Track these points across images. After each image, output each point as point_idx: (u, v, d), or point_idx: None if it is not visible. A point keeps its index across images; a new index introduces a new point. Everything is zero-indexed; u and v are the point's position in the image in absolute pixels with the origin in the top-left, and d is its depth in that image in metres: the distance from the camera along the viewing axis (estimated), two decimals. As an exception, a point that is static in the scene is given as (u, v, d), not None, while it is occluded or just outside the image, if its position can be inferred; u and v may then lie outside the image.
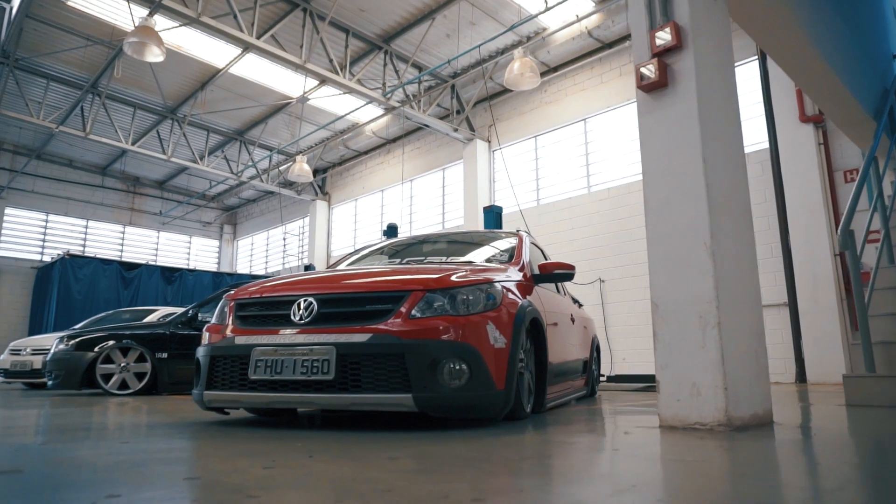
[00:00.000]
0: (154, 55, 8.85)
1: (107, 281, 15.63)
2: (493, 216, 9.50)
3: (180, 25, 10.43)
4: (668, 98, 2.52)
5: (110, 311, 10.63)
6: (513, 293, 2.98)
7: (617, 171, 11.18)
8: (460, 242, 4.23)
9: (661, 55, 2.66)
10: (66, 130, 13.48)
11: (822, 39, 4.58)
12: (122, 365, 6.48)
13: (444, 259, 3.94)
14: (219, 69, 12.84)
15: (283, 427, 2.95)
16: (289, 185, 17.81)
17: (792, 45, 4.38)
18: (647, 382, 7.41)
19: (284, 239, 18.71)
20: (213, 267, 20.87)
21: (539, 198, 12.32)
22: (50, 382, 6.54)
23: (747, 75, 9.65)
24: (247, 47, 11.45)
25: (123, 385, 6.47)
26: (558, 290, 4.52)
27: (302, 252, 18.54)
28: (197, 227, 21.18)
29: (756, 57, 9.40)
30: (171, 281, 16.94)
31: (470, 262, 3.61)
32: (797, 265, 8.37)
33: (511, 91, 12.92)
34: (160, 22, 9.60)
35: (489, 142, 13.41)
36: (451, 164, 14.36)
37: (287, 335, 2.65)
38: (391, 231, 10.81)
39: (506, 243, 4.07)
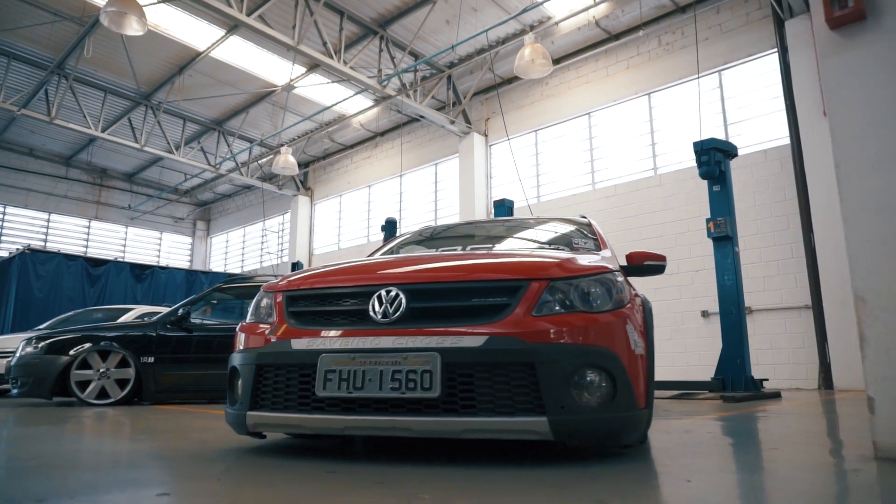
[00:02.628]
0: (134, 28, 8.02)
1: (71, 278, 14.50)
2: (505, 211, 8.92)
3: (161, 1, 9.59)
4: (870, 34, 1.98)
5: (79, 311, 9.69)
6: (630, 286, 2.40)
7: (624, 168, 10.74)
8: (525, 228, 3.61)
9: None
10: (29, 114, 12.43)
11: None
12: (101, 370, 5.66)
13: (514, 247, 3.32)
14: (199, 52, 11.98)
15: (347, 458, 2.29)
16: (269, 179, 16.94)
17: None
18: (680, 389, 6.92)
19: (265, 235, 17.80)
20: (185, 265, 19.78)
21: (539, 194, 11.80)
22: (15, 390, 5.69)
23: (764, 69, 9.30)
24: (235, 26, 10.67)
25: (102, 393, 5.67)
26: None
27: (282, 250, 17.67)
28: (168, 223, 20.08)
29: (775, 50, 9.04)
30: (142, 279, 15.87)
31: (556, 248, 2.98)
32: (822, 266, 8.00)
33: (510, 83, 12.41)
34: (140, -6, 8.75)
35: (486, 136, 12.85)
36: (444, 159, 13.75)
37: (367, 337, 2.00)
38: (390, 226, 10.15)
39: (574, 229, 3.49)
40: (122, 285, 15.41)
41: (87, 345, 5.66)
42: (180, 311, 6.00)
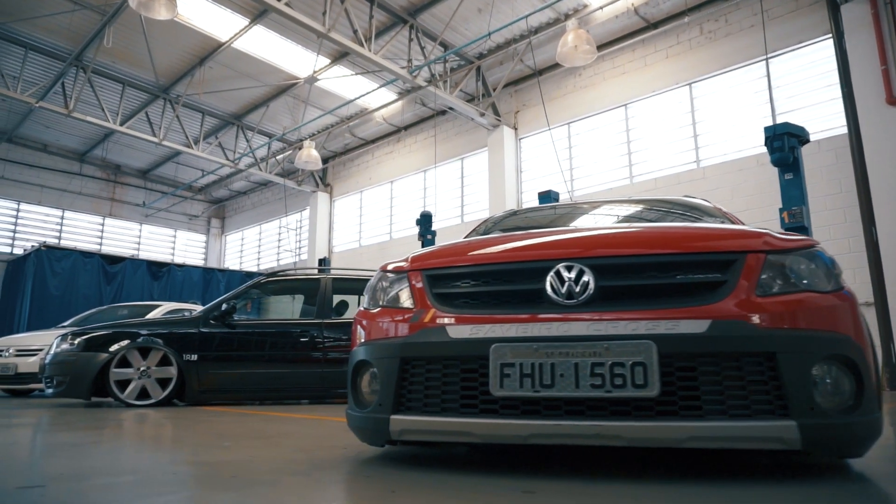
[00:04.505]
0: (165, 12, 7.67)
1: (87, 275, 14.17)
2: (551, 202, 8.52)
3: (188, -15, 9.25)
4: None
5: (102, 307, 9.34)
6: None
7: (664, 160, 10.36)
8: (642, 205, 3.24)
9: None
10: (47, 107, 12.09)
11: None
12: (142, 369, 5.30)
13: (652, 224, 2.93)
14: (221, 43, 11.65)
15: (496, 468, 1.93)
16: (288, 175, 16.58)
17: None
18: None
19: (287, 230, 17.44)
20: (199, 263, 19.43)
21: (573, 188, 11.42)
22: (50, 390, 5.33)
23: (816, 56, 8.92)
24: (261, 13, 10.34)
25: (142, 394, 5.31)
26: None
27: (300, 247, 17.31)
28: (183, 221, 19.74)
29: (828, 35, 8.66)
30: (158, 276, 15.54)
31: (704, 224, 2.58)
32: (886, 260, 7.61)
33: (541, 74, 12.04)
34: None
35: (516, 129, 12.48)
36: (470, 154, 13.39)
37: (552, 323, 1.63)
38: (425, 220, 9.77)
39: (696, 206, 3.12)
40: (139, 283, 15.10)
41: (127, 341, 5.30)
42: (223, 305, 5.63)
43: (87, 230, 17.62)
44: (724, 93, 9.85)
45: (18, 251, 15.71)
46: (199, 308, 9.16)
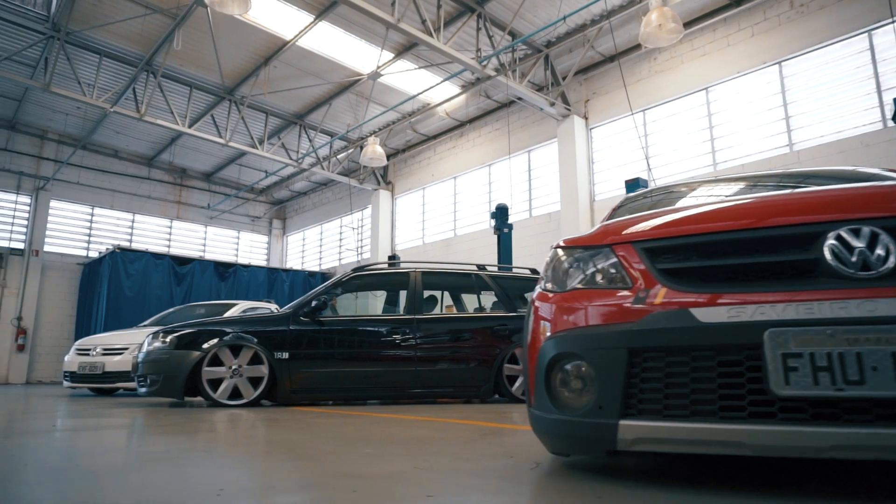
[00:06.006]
0: (240, 7, 7.58)
1: (159, 276, 14.46)
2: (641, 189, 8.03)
3: (257, -18, 9.19)
4: None
5: (179, 307, 9.37)
6: None
7: (752, 146, 9.71)
8: (833, 177, 2.80)
9: None
10: (121, 111, 12.33)
11: None
12: (233, 367, 5.15)
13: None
14: (286, 41, 11.61)
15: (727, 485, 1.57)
16: (349, 173, 16.52)
17: None
18: None
19: (351, 229, 17.40)
20: (262, 264, 19.64)
21: (653, 178, 10.85)
22: (143, 389, 5.23)
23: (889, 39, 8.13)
24: (328, 7, 10.22)
25: (234, 393, 5.15)
26: None
27: (361, 246, 17.24)
28: (245, 222, 20.00)
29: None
30: (225, 277, 15.76)
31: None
32: None
33: (612, 60, 11.53)
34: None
35: (586, 118, 11.99)
36: (537, 146, 12.97)
37: (848, 301, 1.26)
38: (501, 212, 9.42)
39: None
40: (207, 283, 15.33)
41: (218, 339, 5.15)
42: (314, 302, 5.42)
43: (156, 233, 18.04)
44: (819, 70, 9.13)
45: (93, 254, 16.19)
46: (273, 307, 9.09)
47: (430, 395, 5.57)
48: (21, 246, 15.49)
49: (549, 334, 1.67)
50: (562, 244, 1.87)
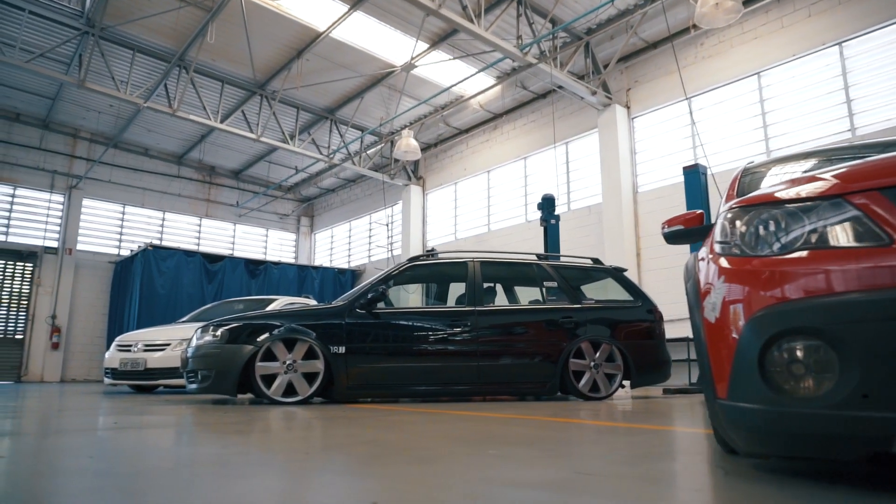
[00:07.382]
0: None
1: (191, 274, 14.36)
2: (699, 178, 7.63)
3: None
4: None
5: (217, 302, 9.18)
6: None
7: (808, 132, 9.25)
8: None
9: None
10: (154, 107, 12.22)
11: None
12: (287, 362, 4.89)
13: None
14: (320, 33, 11.38)
15: None
16: (379, 169, 16.28)
17: None
18: None
19: (384, 224, 17.16)
20: (290, 261, 19.50)
21: (709, 164, 10.40)
22: (194, 385, 4.99)
23: None
24: (365, -4, 9.96)
25: (288, 390, 4.89)
26: None
27: (391, 242, 16.99)
28: (274, 220, 19.89)
29: None
30: (255, 274, 15.63)
31: None
32: None
33: (655, 47, 11.13)
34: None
35: (628, 108, 11.59)
36: (575, 137, 12.60)
37: None
38: (548, 203, 9.08)
39: None
40: (238, 281, 15.21)
41: (271, 332, 4.89)
42: (370, 293, 5.13)
43: (186, 231, 17.99)
44: (883, 51, 8.65)
45: (125, 252, 16.16)
46: (311, 302, 8.85)
47: (494, 391, 5.26)
48: (55, 245, 15.51)
49: (763, 306, 1.35)
50: (743, 204, 1.54)
